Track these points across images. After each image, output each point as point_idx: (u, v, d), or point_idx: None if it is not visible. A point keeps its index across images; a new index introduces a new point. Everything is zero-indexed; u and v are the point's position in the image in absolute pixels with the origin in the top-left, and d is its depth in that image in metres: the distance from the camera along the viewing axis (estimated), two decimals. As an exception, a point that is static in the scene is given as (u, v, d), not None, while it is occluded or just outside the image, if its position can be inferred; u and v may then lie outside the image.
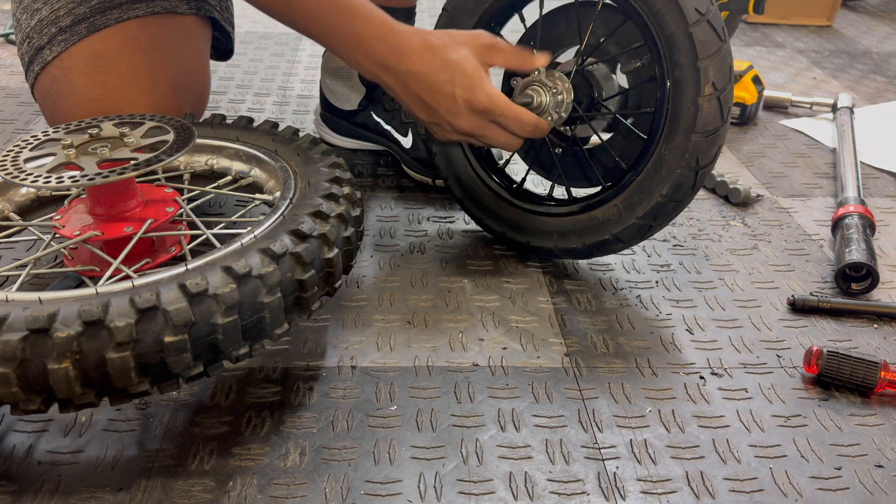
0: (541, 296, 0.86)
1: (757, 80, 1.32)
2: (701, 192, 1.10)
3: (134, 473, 0.62)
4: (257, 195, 0.79)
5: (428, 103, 0.77)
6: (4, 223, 0.77)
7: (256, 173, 0.83)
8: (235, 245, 0.63)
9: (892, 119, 1.38)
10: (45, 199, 0.82)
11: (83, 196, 0.79)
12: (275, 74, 1.47)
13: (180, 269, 0.59)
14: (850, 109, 1.31)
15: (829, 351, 0.73)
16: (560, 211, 0.87)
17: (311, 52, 1.59)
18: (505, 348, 0.78)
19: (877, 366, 0.72)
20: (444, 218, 1.01)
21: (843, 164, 1.14)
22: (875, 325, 0.84)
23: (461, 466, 0.64)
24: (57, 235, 0.73)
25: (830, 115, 1.37)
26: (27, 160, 0.70)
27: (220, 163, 0.85)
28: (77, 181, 0.65)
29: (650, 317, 0.83)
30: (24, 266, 0.69)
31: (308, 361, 0.75)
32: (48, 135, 0.74)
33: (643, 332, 0.81)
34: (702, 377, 0.75)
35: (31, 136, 0.74)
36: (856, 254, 0.88)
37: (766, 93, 1.39)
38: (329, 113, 1.17)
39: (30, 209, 0.82)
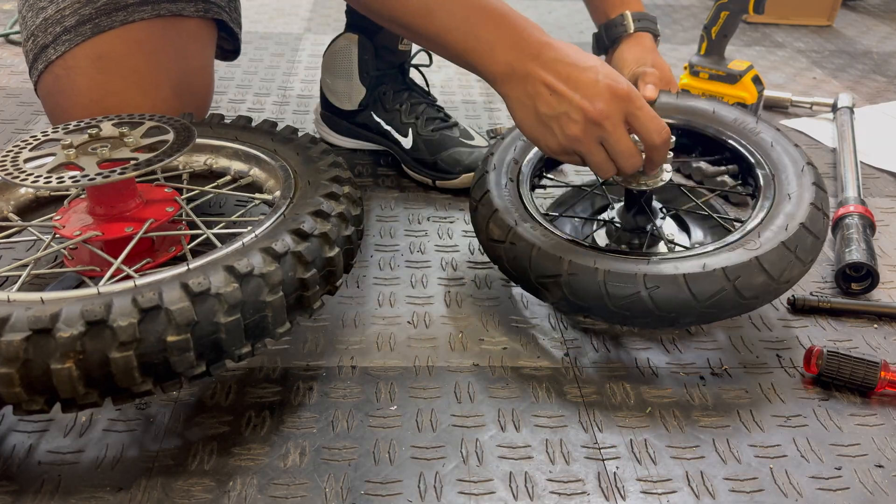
0: (541, 296, 0.86)
1: (757, 80, 1.32)
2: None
3: (134, 473, 0.62)
4: (257, 195, 0.79)
5: (564, 90, 0.69)
6: (4, 223, 0.77)
7: (256, 173, 0.83)
8: (237, 244, 0.63)
9: (892, 119, 1.38)
10: (44, 200, 0.82)
11: (82, 196, 0.79)
12: (275, 74, 1.47)
13: (182, 268, 0.59)
14: (850, 109, 1.31)
15: (829, 351, 0.73)
16: None
17: (311, 52, 1.59)
18: (505, 348, 0.78)
19: (877, 366, 0.72)
20: (444, 218, 1.01)
21: (843, 164, 1.14)
22: (875, 325, 0.84)
23: (461, 466, 0.64)
24: (57, 236, 0.73)
25: (830, 115, 1.37)
26: (27, 160, 0.70)
27: (219, 162, 0.85)
28: (78, 181, 0.65)
29: (650, 317, 0.83)
30: (24, 266, 0.69)
31: (308, 361, 0.75)
32: (47, 135, 0.74)
33: (643, 331, 0.81)
34: (702, 377, 0.75)
35: (31, 137, 0.74)
36: (856, 254, 0.88)
37: (766, 93, 1.39)
38: (329, 113, 1.17)
39: (29, 209, 0.82)
